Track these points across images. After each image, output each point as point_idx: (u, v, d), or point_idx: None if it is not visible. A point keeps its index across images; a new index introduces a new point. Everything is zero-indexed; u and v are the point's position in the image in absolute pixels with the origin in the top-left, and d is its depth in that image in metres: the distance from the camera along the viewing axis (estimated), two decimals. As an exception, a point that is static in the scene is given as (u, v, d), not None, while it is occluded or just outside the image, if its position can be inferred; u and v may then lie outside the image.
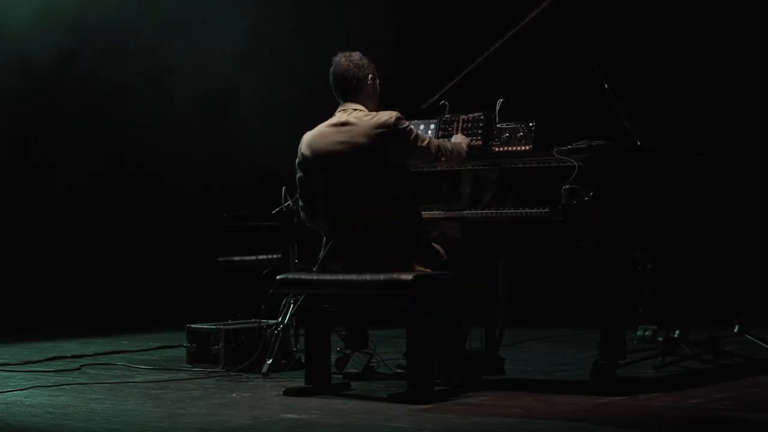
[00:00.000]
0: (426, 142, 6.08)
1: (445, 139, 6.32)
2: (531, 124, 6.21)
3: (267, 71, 10.19)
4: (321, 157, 6.06)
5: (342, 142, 6.01)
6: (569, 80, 6.61)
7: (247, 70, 10.18)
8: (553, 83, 6.65)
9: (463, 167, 6.33)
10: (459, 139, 6.32)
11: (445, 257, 6.10)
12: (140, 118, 10.29)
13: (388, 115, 6.00)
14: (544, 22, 6.52)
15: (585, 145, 6.01)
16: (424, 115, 6.65)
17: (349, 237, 6.03)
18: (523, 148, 6.21)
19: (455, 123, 6.47)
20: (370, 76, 6.14)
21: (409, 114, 6.64)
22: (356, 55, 6.15)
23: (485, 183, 6.28)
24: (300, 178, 6.18)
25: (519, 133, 6.24)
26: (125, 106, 10.27)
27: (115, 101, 10.27)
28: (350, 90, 6.12)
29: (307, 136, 6.15)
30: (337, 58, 6.16)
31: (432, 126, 6.54)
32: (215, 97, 10.33)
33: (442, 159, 6.15)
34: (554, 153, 6.05)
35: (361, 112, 6.06)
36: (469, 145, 6.28)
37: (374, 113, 6.05)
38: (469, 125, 6.42)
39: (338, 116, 6.09)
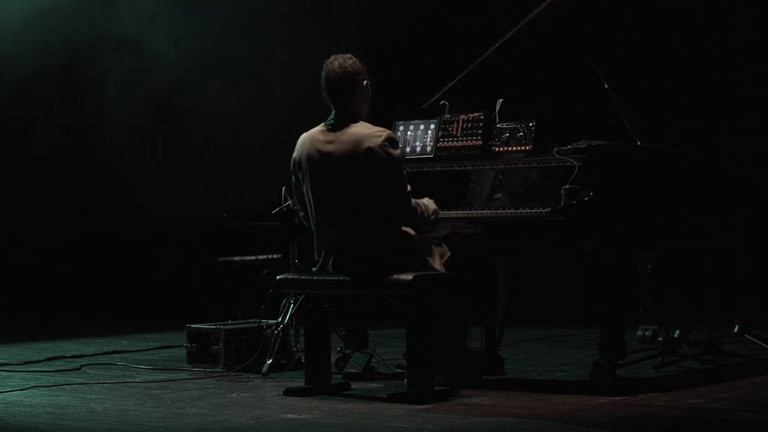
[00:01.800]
0: (408, 190, 5.91)
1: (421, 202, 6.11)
2: (531, 124, 6.21)
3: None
4: (308, 162, 6.00)
5: (329, 151, 5.94)
6: (569, 80, 6.61)
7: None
8: (553, 83, 6.64)
9: (463, 167, 6.33)
10: (427, 201, 6.17)
11: (448, 255, 6.10)
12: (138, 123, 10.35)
13: (379, 133, 5.87)
14: (543, 22, 6.52)
15: (585, 145, 6.01)
16: (424, 115, 6.64)
17: (336, 243, 6.00)
18: (523, 148, 6.21)
19: (455, 123, 6.47)
20: (364, 82, 6.00)
21: (409, 114, 6.65)
22: (350, 61, 5.99)
23: (485, 183, 6.27)
24: (294, 182, 6.15)
25: (519, 133, 6.24)
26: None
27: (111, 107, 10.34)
28: (344, 97, 5.97)
29: (300, 140, 6.07)
30: (329, 63, 6.00)
31: (432, 126, 6.54)
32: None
33: (415, 217, 5.98)
34: (554, 153, 6.05)
35: (354, 121, 5.95)
36: (435, 211, 6.14)
37: (368, 126, 5.94)
38: (469, 125, 6.42)
39: (330, 122, 6.00)
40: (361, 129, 5.93)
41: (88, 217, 10.56)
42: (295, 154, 6.07)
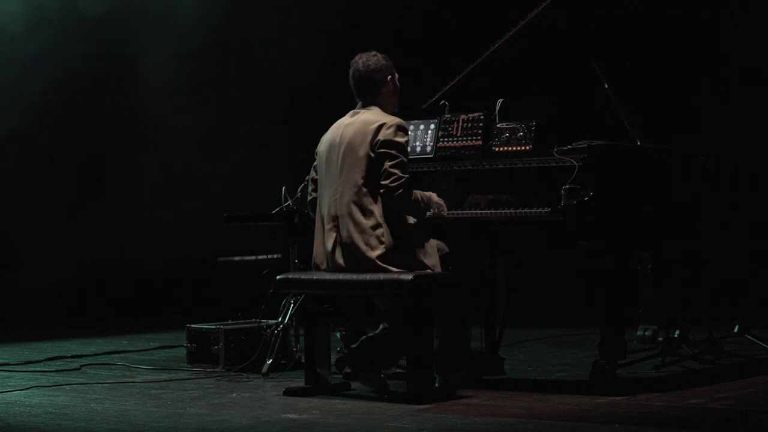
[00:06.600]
0: (408, 176, 5.94)
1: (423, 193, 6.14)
2: (531, 124, 6.21)
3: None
4: (328, 145, 6.12)
5: (343, 133, 6.04)
6: (569, 80, 6.61)
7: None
8: (553, 83, 6.64)
9: (463, 167, 6.33)
10: (430, 194, 6.21)
11: (446, 251, 6.10)
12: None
13: (390, 119, 6.01)
14: (543, 22, 6.51)
15: (585, 145, 6.01)
16: (424, 115, 6.65)
17: (336, 239, 6.01)
18: (523, 148, 6.21)
19: (455, 123, 6.47)
20: (388, 77, 6.15)
21: (409, 114, 6.65)
22: (374, 58, 6.15)
23: (485, 183, 6.27)
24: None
25: (519, 133, 6.24)
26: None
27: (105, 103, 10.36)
28: (368, 93, 6.13)
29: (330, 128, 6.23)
30: (354, 62, 6.17)
31: (432, 126, 6.54)
32: None
33: (410, 203, 5.98)
34: (554, 153, 6.05)
35: (370, 111, 6.07)
36: (437, 204, 6.14)
37: (380, 113, 6.05)
38: (469, 125, 6.42)
39: (352, 112, 6.14)
40: (372, 115, 6.05)
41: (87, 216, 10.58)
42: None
